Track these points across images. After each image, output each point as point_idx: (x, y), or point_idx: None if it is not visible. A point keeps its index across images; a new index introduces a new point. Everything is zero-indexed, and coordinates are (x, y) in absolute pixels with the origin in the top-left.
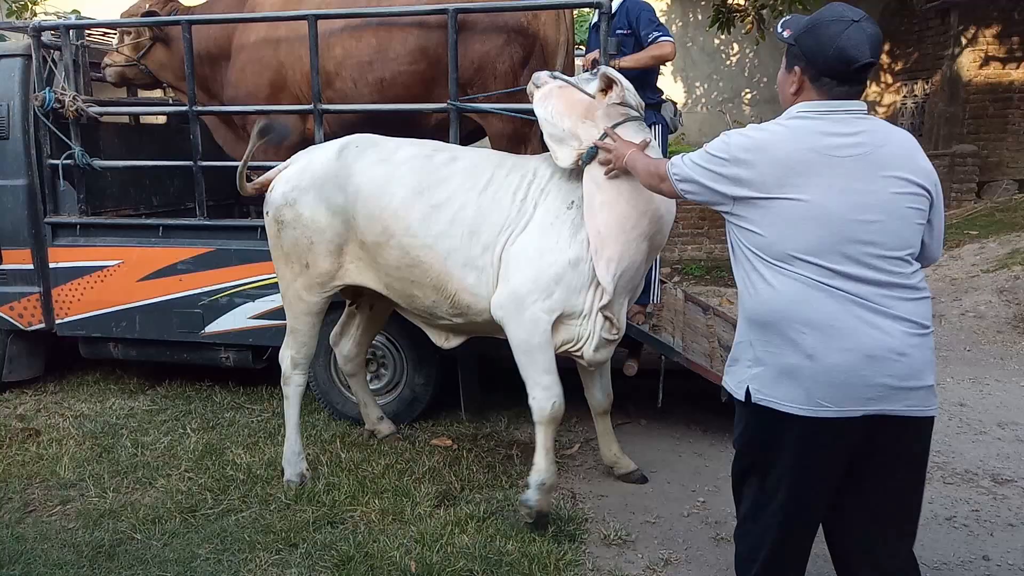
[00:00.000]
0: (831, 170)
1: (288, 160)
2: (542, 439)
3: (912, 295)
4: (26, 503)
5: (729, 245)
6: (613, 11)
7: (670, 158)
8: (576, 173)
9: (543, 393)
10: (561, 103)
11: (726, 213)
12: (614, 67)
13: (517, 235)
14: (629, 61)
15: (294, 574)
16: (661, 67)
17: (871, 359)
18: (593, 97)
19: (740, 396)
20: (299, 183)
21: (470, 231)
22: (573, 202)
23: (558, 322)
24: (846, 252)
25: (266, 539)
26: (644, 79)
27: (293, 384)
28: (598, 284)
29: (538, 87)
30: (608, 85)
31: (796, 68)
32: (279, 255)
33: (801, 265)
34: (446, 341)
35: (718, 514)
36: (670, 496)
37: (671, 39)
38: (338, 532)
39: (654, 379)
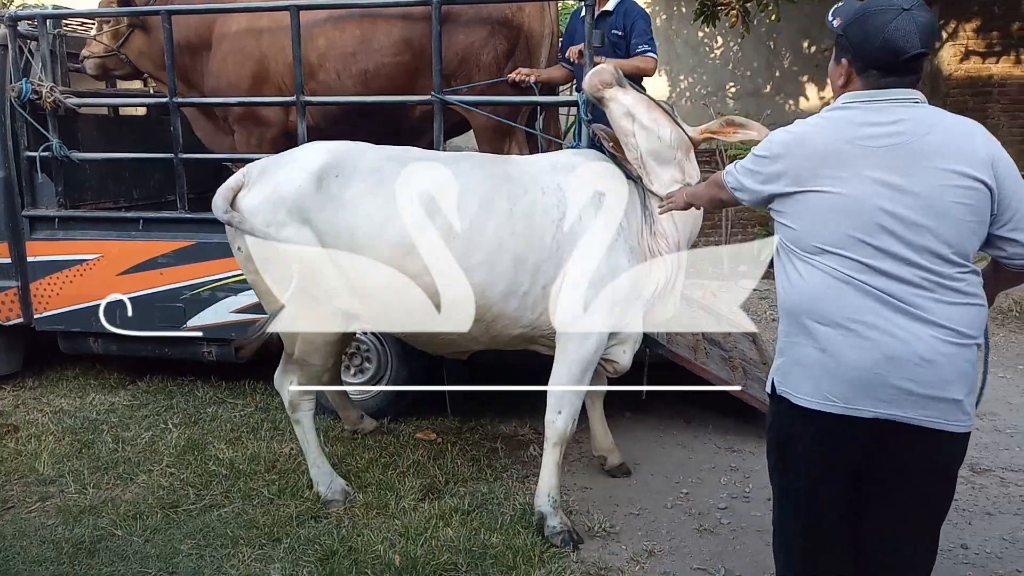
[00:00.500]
0: (865, 161)
1: (235, 178)
2: (555, 458)
3: (955, 299)
4: (5, 500)
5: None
6: (611, 9)
7: (724, 168)
8: (610, 191)
9: (570, 413)
10: (677, 134)
11: (770, 209)
12: (598, 63)
13: (569, 256)
14: (612, 64)
15: (278, 569)
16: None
17: (890, 360)
18: (689, 138)
19: (768, 388)
20: (274, 217)
21: (512, 257)
22: (620, 224)
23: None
24: (879, 246)
25: (249, 534)
26: None
27: (304, 410)
28: (646, 295)
29: (622, 87)
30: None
31: (844, 60)
32: (270, 289)
33: (830, 257)
34: (455, 354)
35: (701, 505)
36: (654, 488)
37: (656, 57)
38: (322, 526)
39: (638, 372)
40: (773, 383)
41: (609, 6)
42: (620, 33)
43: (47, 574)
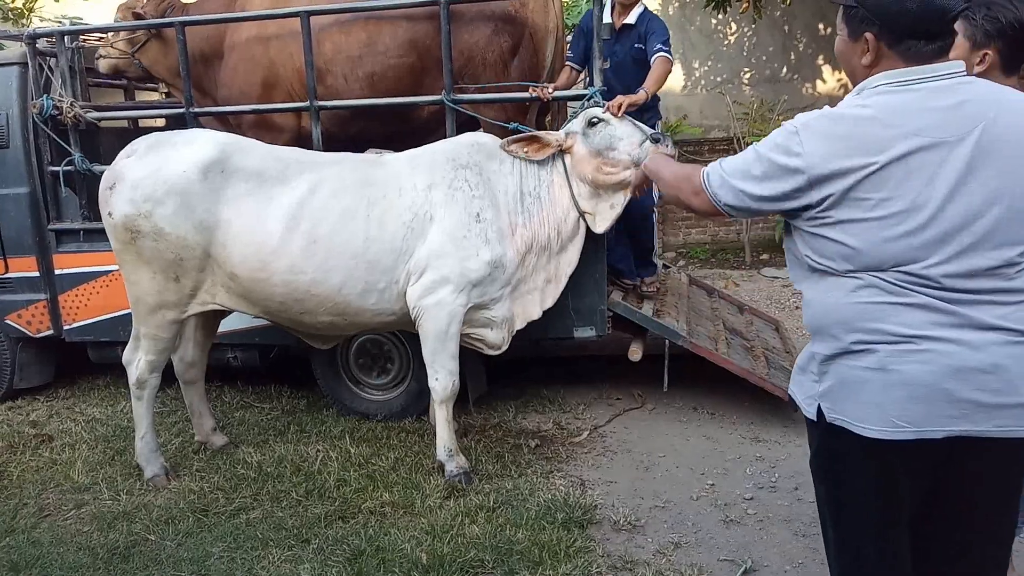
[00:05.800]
0: (936, 155)
1: (127, 150)
2: (445, 414)
3: (1011, 298)
4: (41, 508)
5: (791, 249)
6: (634, 23)
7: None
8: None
9: (446, 376)
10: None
11: (795, 221)
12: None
13: (421, 243)
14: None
15: (307, 570)
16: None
17: (957, 372)
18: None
19: (811, 414)
20: (152, 193)
21: (366, 260)
22: (479, 213)
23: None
24: (942, 253)
25: (278, 536)
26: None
27: (150, 387)
28: (507, 281)
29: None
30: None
31: (867, 35)
32: (135, 260)
33: (882, 272)
34: (323, 344)
35: (727, 496)
36: (678, 480)
37: (670, 56)
38: (349, 527)
39: (659, 364)
40: (820, 410)
41: (631, 19)
42: (643, 47)
43: None
